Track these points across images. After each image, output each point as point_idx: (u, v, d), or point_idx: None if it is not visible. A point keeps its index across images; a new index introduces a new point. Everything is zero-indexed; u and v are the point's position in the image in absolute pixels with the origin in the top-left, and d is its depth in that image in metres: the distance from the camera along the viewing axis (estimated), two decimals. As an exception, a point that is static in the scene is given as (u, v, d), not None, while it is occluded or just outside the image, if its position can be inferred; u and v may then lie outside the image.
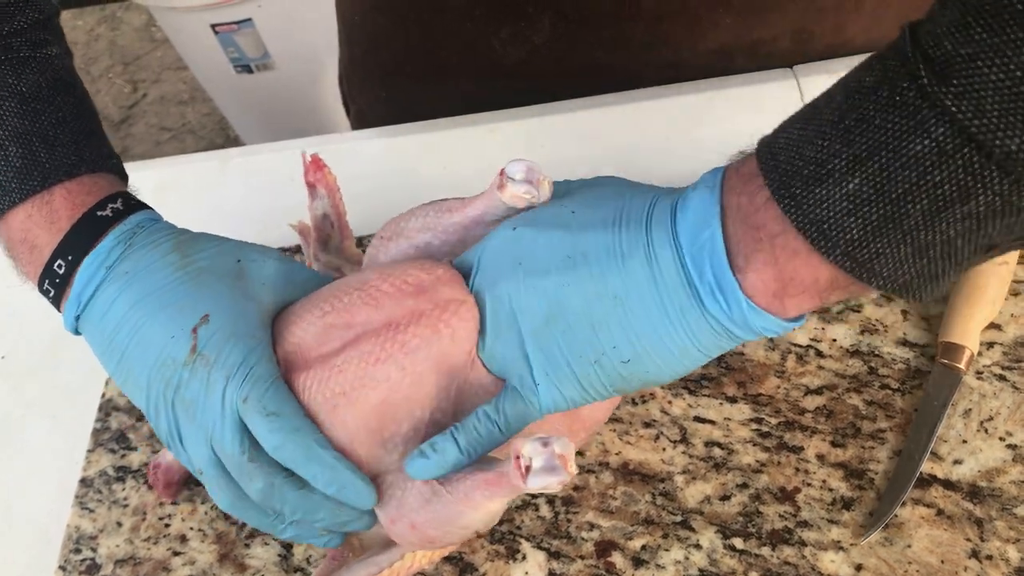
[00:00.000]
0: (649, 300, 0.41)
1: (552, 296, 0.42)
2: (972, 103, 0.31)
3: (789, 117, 0.39)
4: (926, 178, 0.33)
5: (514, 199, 0.46)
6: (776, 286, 0.39)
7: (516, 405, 0.44)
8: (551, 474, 0.40)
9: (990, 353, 0.59)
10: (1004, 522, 0.53)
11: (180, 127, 2.58)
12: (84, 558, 0.60)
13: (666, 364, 0.42)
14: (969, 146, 0.32)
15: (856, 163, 0.35)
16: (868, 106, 0.35)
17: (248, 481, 0.46)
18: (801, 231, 0.37)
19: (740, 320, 0.40)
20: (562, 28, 0.76)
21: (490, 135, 0.79)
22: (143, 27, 2.86)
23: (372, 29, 0.85)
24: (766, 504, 0.55)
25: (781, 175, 0.37)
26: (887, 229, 0.35)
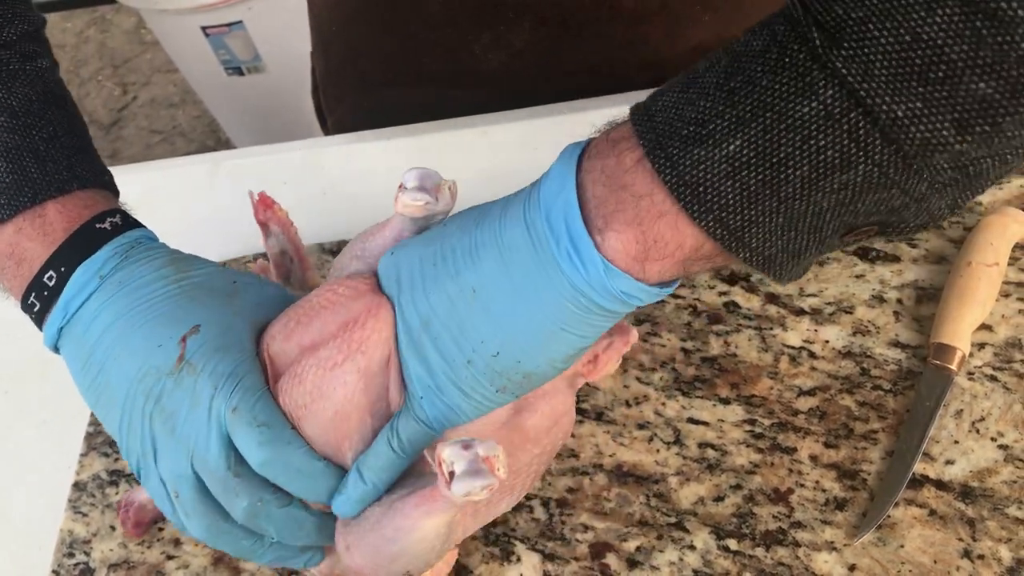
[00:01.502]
0: (503, 284, 0.40)
1: (420, 307, 0.42)
2: (862, 66, 0.31)
3: (668, 82, 0.38)
4: (810, 142, 0.33)
5: (407, 208, 0.45)
6: (637, 248, 0.37)
7: (408, 425, 0.44)
8: (476, 477, 0.38)
9: (981, 354, 0.59)
10: (996, 522, 0.53)
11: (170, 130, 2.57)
12: (77, 562, 0.60)
13: (535, 350, 0.41)
14: (856, 110, 0.32)
15: (739, 124, 0.34)
16: (755, 68, 0.34)
17: (233, 498, 0.44)
18: (673, 192, 0.36)
19: (598, 283, 0.38)
20: (542, 32, 0.76)
21: (482, 138, 0.79)
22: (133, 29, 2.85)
23: (350, 39, 0.85)
24: (759, 505, 0.56)
25: (657, 135, 0.36)
26: (764, 195, 0.34)
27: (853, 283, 0.64)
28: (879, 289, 0.63)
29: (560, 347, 0.41)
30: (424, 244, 0.44)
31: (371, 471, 0.44)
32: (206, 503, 0.45)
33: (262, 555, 0.47)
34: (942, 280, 0.63)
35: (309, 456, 0.44)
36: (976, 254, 0.60)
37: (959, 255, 0.62)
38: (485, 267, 0.40)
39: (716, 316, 0.64)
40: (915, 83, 0.31)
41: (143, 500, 0.58)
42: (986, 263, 0.60)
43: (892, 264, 0.64)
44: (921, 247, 0.65)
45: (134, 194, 0.79)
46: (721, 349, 0.62)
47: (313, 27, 0.92)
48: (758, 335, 0.62)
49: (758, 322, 0.63)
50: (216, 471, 0.44)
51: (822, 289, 0.64)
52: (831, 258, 0.65)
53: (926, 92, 0.31)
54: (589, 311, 0.39)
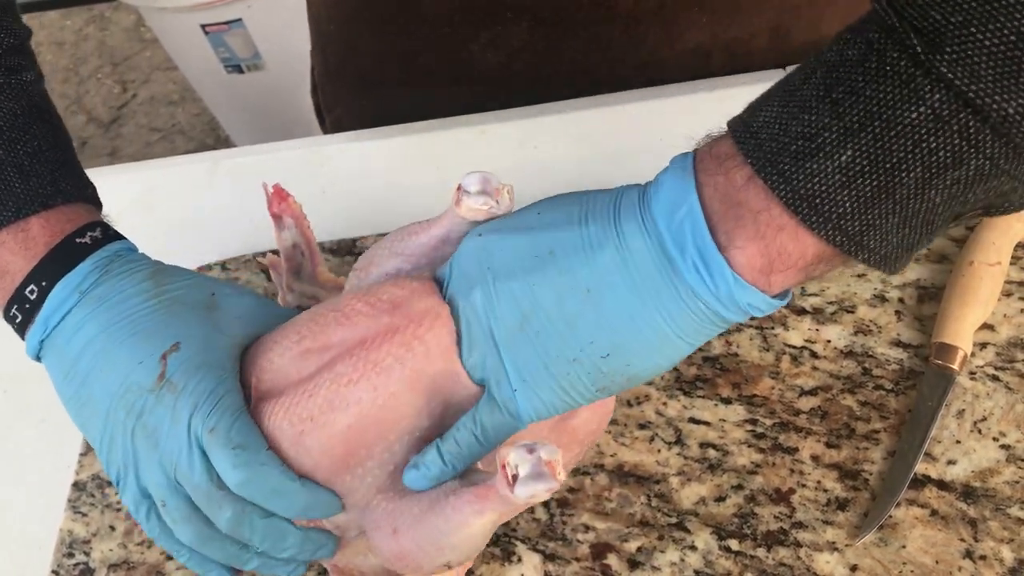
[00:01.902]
0: (622, 288, 0.40)
1: (522, 298, 0.41)
2: (967, 69, 0.32)
3: (760, 97, 0.39)
4: (921, 146, 0.34)
5: (471, 212, 0.45)
6: (762, 262, 0.38)
7: (494, 415, 0.43)
8: (539, 481, 0.38)
9: (983, 354, 0.59)
10: (998, 522, 0.53)
11: (170, 128, 2.57)
12: (77, 562, 0.59)
13: (647, 354, 0.41)
14: (965, 111, 0.32)
15: (848, 135, 0.35)
16: (856, 78, 0.34)
17: (217, 510, 0.45)
18: (790, 207, 0.36)
19: (727, 296, 0.38)
20: (540, 32, 0.76)
21: (481, 136, 0.78)
22: (132, 27, 2.84)
23: (348, 38, 0.85)
24: (761, 505, 0.55)
25: (765, 152, 0.37)
26: (880, 200, 0.35)
27: (855, 282, 0.64)
28: (881, 288, 0.63)
29: (672, 353, 0.41)
30: (515, 232, 0.43)
31: (452, 455, 0.44)
32: (192, 510, 0.46)
33: (248, 560, 0.48)
34: (944, 279, 0.63)
35: (284, 476, 0.45)
36: (978, 253, 0.60)
37: (961, 254, 0.62)
38: (602, 267, 0.40)
39: (717, 315, 0.63)
40: None
41: None
42: (988, 262, 0.60)
43: (894, 263, 0.64)
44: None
45: (133, 193, 0.80)
46: (723, 349, 0.62)
47: (312, 26, 0.92)
48: (760, 334, 0.62)
49: (759, 321, 0.63)
50: (199, 486, 0.44)
51: (823, 288, 0.64)
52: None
53: None
54: (710, 322, 0.40)
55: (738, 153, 0.38)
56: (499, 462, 0.40)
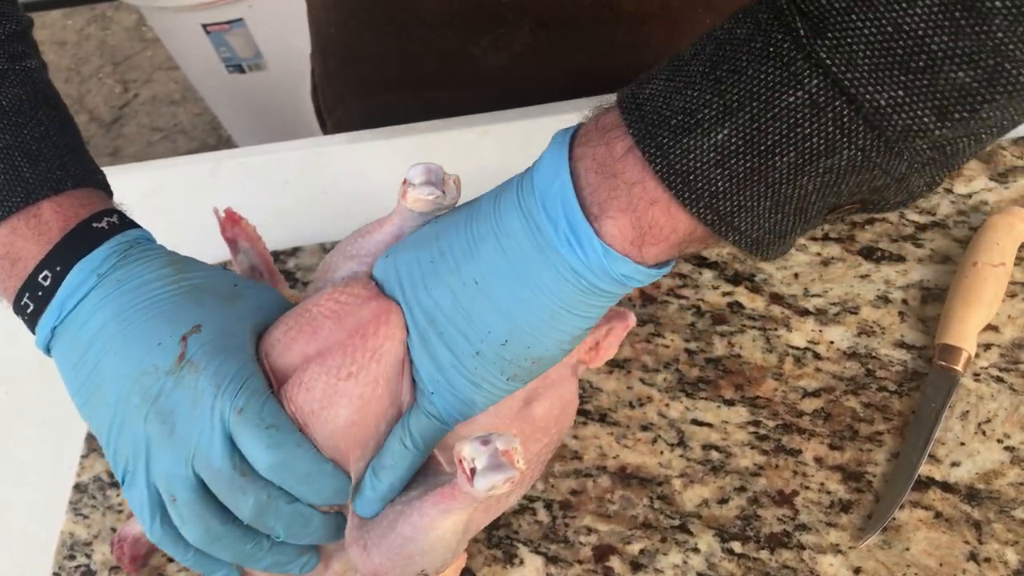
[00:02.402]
0: (504, 272, 0.40)
1: (425, 304, 0.43)
2: (845, 56, 0.32)
3: (651, 70, 0.39)
4: (796, 130, 0.34)
5: (418, 203, 0.45)
6: (633, 233, 0.38)
7: (419, 421, 0.44)
8: (497, 471, 0.38)
9: (987, 355, 0.59)
10: (1002, 524, 0.53)
11: (172, 127, 2.57)
12: (78, 564, 0.59)
13: (542, 334, 0.41)
14: (841, 99, 0.33)
15: (726, 113, 0.35)
16: (741, 57, 0.35)
17: (239, 497, 0.43)
18: (664, 181, 0.36)
19: (598, 267, 0.39)
20: (542, 34, 0.76)
21: (483, 137, 0.78)
22: (134, 27, 2.84)
23: (349, 40, 0.85)
24: (764, 507, 0.55)
25: (647, 124, 0.37)
26: (752, 182, 0.35)
27: (858, 283, 0.63)
28: (884, 289, 0.63)
29: (565, 328, 0.41)
30: (419, 245, 0.45)
31: (386, 470, 0.44)
32: (204, 505, 0.44)
33: (261, 559, 0.46)
34: (947, 280, 0.62)
35: (318, 459, 0.44)
36: (982, 254, 0.60)
37: (965, 255, 0.61)
38: (484, 257, 0.41)
39: (720, 317, 0.63)
40: (897, 72, 0.32)
41: (137, 534, 0.56)
42: (992, 263, 0.60)
43: (897, 264, 0.64)
44: (926, 247, 0.64)
45: (136, 194, 0.79)
46: (725, 350, 0.62)
47: (312, 29, 0.92)
48: (762, 336, 0.62)
49: (762, 323, 0.62)
50: (221, 470, 0.43)
51: (827, 289, 0.63)
52: (836, 258, 0.65)
53: (908, 81, 0.32)
54: (590, 293, 0.40)
55: (622, 123, 0.38)
56: (455, 458, 0.40)
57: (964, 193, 0.67)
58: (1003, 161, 0.68)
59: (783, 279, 0.64)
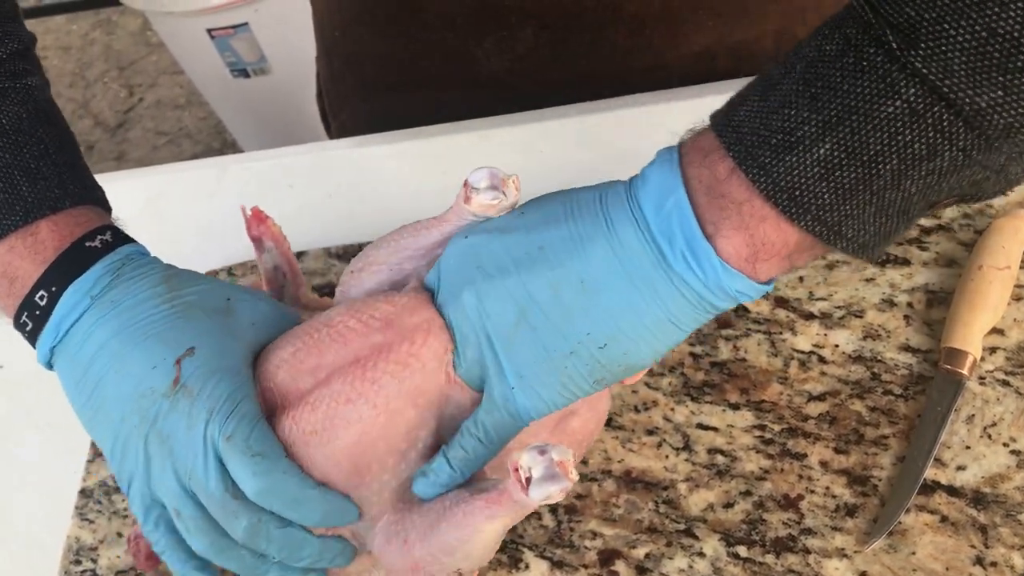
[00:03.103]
0: (615, 277, 0.41)
1: (517, 295, 0.42)
2: (941, 64, 0.33)
3: (740, 92, 0.40)
4: (897, 138, 0.35)
5: (483, 208, 0.45)
6: (748, 251, 0.39)
7: (493, 414, 0.44)
8: (552, 482, 0.39)
9: (993, 358, 0.59)
10: (1008, 528, 0.53)
11: (177, 131, 2.57)
12: (84, 569, 0.59)
13: (643, 342, 0.41)
14: (940, 104, 0.34)
15: (826, 128, 0.36)
16: (834, 73, 0.36)
17: (232, 520, 0.44)
18: (770, 199, 0.37)
19: (715, 284, 0.39)
20: (545, 36, 0.76)
21: (487, 141, 0.78)
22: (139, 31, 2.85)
23: (353, 42, 0.85)
24: (769, 511, 0.55)
25: (746, 146, 0.38)
26: (857, 191, 0.36)
27: (863, 287, 0.63)
28: (889, 293, 0.63)
29: (667, 340, 0.42)
30: (502, 233, 0.44)
31: (459, 460, 0.44)
32: (208, 519, 0.45)
33: (267, 571, 0.47)
34: (953, 284, 0.62)
35: (303, 484, 0.44)
36: (988, 257, 0.60)
37: (970, 258, 0.61)
38: (595, 258, 0.41)
39: (725, 320, 0.63)
40: (995, 74, 0.33)
41: None
42: (998, 266, 0.59)
43: (902, 267, 0.64)
44: (931, 250, 0.64)
45: (141, 198, 0.80)
46: (730, 354, 0.62)
47: (317, 32, 0.92)
48: (767, 339, 0.62)
49: (767, 326, 0.62)
50: (214, 494, 0.44)
51: (832, 293, 0.63)
52: (841, 262, 0.64)
53: (1006, 81, 0.33)
54: (701, 308, 0.41)
55: (720, 146, 0.39)
56: (511, 466, 0.40)
57: (969, 196, 0.67)
58: (1008, 164, 0.68)
59: (788, 283, 0.64)
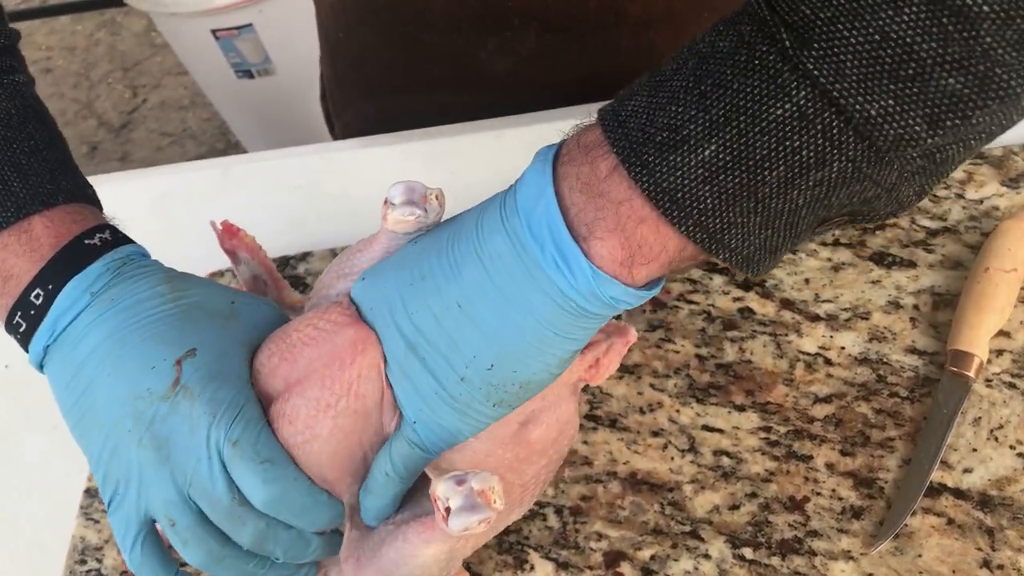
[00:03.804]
0: (490, 293, 0.39)
1: (405, 330, 0.41)
2: (833, 67, 0.31)
3: (631, 86, 0.38)
4: (785, 144, 0.33)
5: (398, 224, 0.44)
6: (623, 254, 0.37)
7: (402, 450, 0.43)
8: (472, 512, 0.38)
9: (999, 361, 0.59)
10: (1015, 531, 0.53)
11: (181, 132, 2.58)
12: (89, 569, 0.59)
13: (530, 358, 0.40)
14: (830, 110, 0.32)
15: (713, 128, 0.34)
16: (725, 71, 0.34)
17: (240, 526, 0.43)
18: (651, 199, 0.36)
19: (587, 289, 0.38)
20: (548, 39, 0.76)
21: (495, 141, 0.78)
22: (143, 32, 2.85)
23: (357, 44, 0.85)
24: (775, 513, 0.55)
25: (631, 142, 0.36)
26: (741, 197, 0.35)
27: (869, 289, 0.63)
28: (895, 295, 0.63)
29: (554, 351, 0.40)
30: (398, 267, 0.43)
31: (371, 496, 0.44)
32: (204, 528, 0.43)
33: None
34: (959, 286, 0.62)
35: (313, 492, 0.44)
36: (994, 259, 0.60)
37: (976, 260, 0.61)
38: (468, 279, 0.40)
39: (731, 322, 0.63)
40: (887, 81, 0.31)
41: None
42: (1004, 268, 0.59)
43: (908, 270, 0.64)
44: (937, 252, 0.64)
45: (146, 199, 0.80)
46: (736, 355, 0.62)
47: (320, 34, 0.92)
48: (773, 341, 0.62)
49: (773, 328, 0.62)
50: (220, 501, 0.42)
51: (838, 295, 0.63)
52: (847, 264, 0.64)
53: (898, 90, 0.31)
54: (580, 315, 0.39)
55: (605, 142, 0.37)
56: (431, 495, 0.39)
57: (975, 198, 0.66)
58: (1014, 167, 0.68)
59: (794, 284, 0.64)
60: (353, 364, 0.43)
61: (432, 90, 0.84)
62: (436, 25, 0.78)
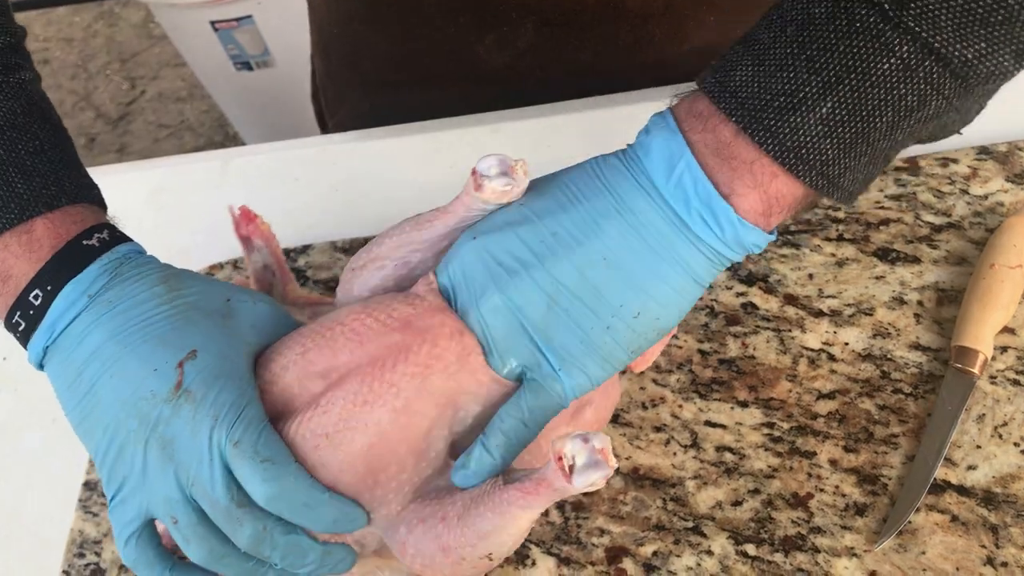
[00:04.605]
0: (636, 248, 0.42)
1: (544, 285, 0.43)
2: (931, 21, 0.36)
3: (726, 59, 0.41)
4: (892, 92, 0.37)
5: (496, 195, 0.45)
6: (763, 206, 0.41)
7: (538, 397, 0.44)
8: (595, 469, 0.39)
9: (1004, 357, 0.59)
10: (1020, 528, 0.52)
11: (179, 124, 2.57)
12: (88, 563, 0.59)
13: (672, 304, 0.43)
14: (930, 59, 0.37)
15: (827, 88, 0.38)
16: (828, 35, 0.38)
17: (237, 527, 0.43)
18: (778, 158, 0.39)
19: (733, 240, 0.42)
20: (546, 32, 0.76)
21: (494, 135, 0.78)
22: (141, 23, 2.84)
23: (351, 39, 0.84)
24: (778, 510, 0.55)
25: (748, 109, 0.39)
26: (856, 144, 0.39)
27: (873, 284, 0.63)
28: (899, 291, 0.62)
29: (691, 297, 0.44)
30: (513, 226, 0.44)
31: (501, 448, 0.44)
32: (206, 527, 0.44)
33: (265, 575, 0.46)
34: (963, 282, 0.62)
35: (314, 490, 0.44)
36: (999, 256, 0.60)
37: (981, 257, 0.61)
38: (612, 234, 0.42)
39: (734, 317, 0.63)
40: (979, 28, 0.36)
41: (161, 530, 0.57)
42: (1009, 265, 0.59)
43: (913, 265, 0.63)
44: (942, 248, 0.64)
45: (144, 191, 0.79)
46: (739, 351, 0.61)
47: (313, 28, 0.91)
48: (776, 337, 0.61)
49: (776, 324, 0.62)
50: (218, 501, 0.43)
51: (841, 290, 0.63)
52: (850, 259, 0.64)
53: (988, 34, 0.36)
54: (720, 263, 0.43)
55: (718, 111, 0.41)
56: (553, 454, 0.40)
57: (980, 194, 0.66)
58: (1019, 162, 0.67)
59: (797, 280, 0.64)
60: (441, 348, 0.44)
61: (429, 84, 0.83)
62: (433, 19, 0.77)
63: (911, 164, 0.68)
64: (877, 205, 0.67)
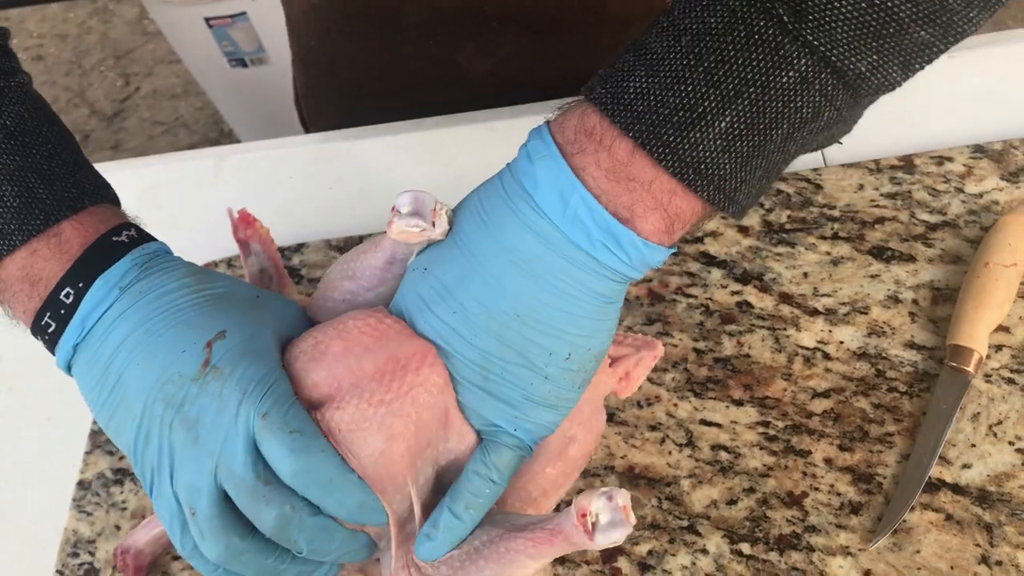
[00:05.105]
0: (544, 297, 0.41)
1: (471, 357, 0.43)
2: (828, 34, 0.36)
3: (615, 68, 0.41)
4: (789, 105, 0.37)
5: (402, 235, 0.43)
6: (665, 225, 0.40)
7: (500, 453, 0.44)
8: (617, 528, 0.40)
9: (999, 356, 0.59)
10: (1014, 527, 0.52)
11: (173, 121, 2.56)
12: (82, 562, 0.59)
13: (597, 330, 0.43)
14: (826, 71, 0.37)
15: (726, 102, 0.37)
16: (726, 47, 0.37)
17: (262, 507, 0.41)
18: (676, 175, 0.39)
19: (639, 262, 0.41)
20: (527, 39, 0.76)
21: (488, 133, 0.78)
22: (135, 20, 2.83)
23: (331, 51, 0.84)
24: (773, 509, 0.55)
25: (646, 124, 0.38)
26: (752, 158, 0.39)
27: (868, 283, 0.63)
28: (894, 289, 0.62)
29: (612, 317, 0.44)
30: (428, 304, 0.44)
31: (470, 508, 0.43)
32: (225, 519, 0.42)
33: (283, 573, 0.45)
34: (958, 281, 0.62)
35: (342, 467, 0.42)
36: (994, 254, 0.60)
37: (976, 255, 0.61)
38: (514, 291, 0.41)
39: (729, 316, 0.63)
40: (871, 40, 0.36)
41: (140, 545, 0.56)
42: (1004, 263, 0.59)
43: (907, 264, 0.63)
44: (937, 247, 0.64)
45: (137, 188, 0.79)
46: (734, 350, 0.61)
47: (292, 40, 0.90)
48: (771, 335, 0.61)
49: (771, 322, 0.62)
50: (244, 479, 0.41)
51: (836, 289, 0.63)
52: (845, 258, 0.64)
53: (879, 46, 0.36)
54: (627, 281, 0.43)
55: (613, 127, 0.39)
56: (577, 511, 0.40)
57: (975, 193, 0.66)
58: (1014, 161, 0.67)
59: (792, 278, 0.64)
60: (418, 371, 0.43)
61: (411, 94, 0.83)
62: (412, 30, 0.77)
63: (906, 162, 0.68)
64: (872, 203, 0.67)
